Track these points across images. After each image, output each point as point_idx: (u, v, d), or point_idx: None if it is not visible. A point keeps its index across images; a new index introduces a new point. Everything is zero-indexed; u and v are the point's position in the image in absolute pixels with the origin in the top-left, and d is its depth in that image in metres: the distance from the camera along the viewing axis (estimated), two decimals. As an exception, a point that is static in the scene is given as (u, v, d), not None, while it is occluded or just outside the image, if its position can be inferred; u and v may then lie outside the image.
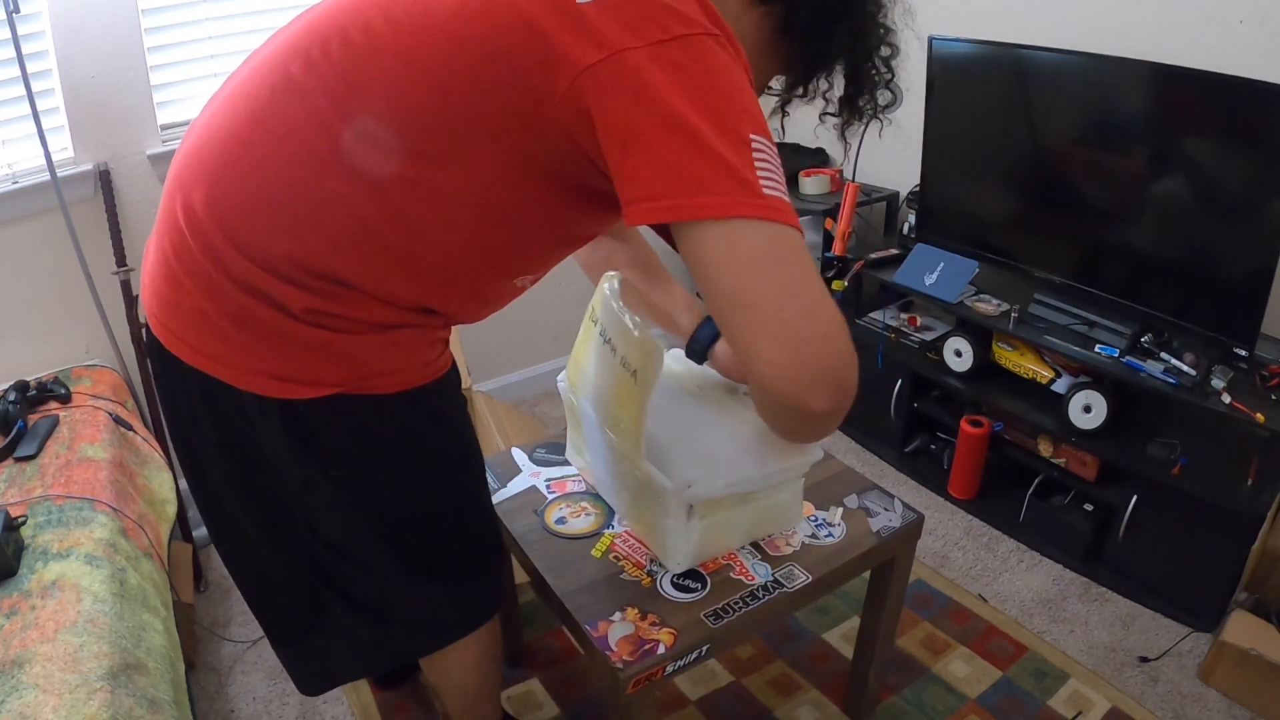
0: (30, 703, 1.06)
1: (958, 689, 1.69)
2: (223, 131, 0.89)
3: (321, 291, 0.88)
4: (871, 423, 2.50)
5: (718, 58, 0.78)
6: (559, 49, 0.77)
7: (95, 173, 1.89)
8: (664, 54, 0.76)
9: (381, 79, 0.82)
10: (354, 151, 0.83)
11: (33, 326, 1.94)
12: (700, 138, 0.74)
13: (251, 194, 0.86)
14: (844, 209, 2.32)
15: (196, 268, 0.89)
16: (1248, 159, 1.66)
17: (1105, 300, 1.95)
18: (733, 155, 0.75)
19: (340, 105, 0.83)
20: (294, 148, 0.85)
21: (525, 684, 1.72)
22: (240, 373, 0.92)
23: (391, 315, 0.92)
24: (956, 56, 2.10)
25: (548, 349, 2.80)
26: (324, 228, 0.86)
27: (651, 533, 1.26)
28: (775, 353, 0.74)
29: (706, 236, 0.75)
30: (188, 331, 0.92)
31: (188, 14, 1.94)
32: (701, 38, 0.78)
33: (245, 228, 0.87)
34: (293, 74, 0.86)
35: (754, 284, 0.75)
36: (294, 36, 0.89)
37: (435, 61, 0.81)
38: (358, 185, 0.84)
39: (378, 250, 0.87)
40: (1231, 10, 1.77)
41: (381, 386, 0.95)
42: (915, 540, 1.41)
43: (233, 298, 0.88)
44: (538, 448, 1.55)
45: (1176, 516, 1.83)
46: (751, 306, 0.75)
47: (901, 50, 0.98)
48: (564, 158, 0.83)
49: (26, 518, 1.40)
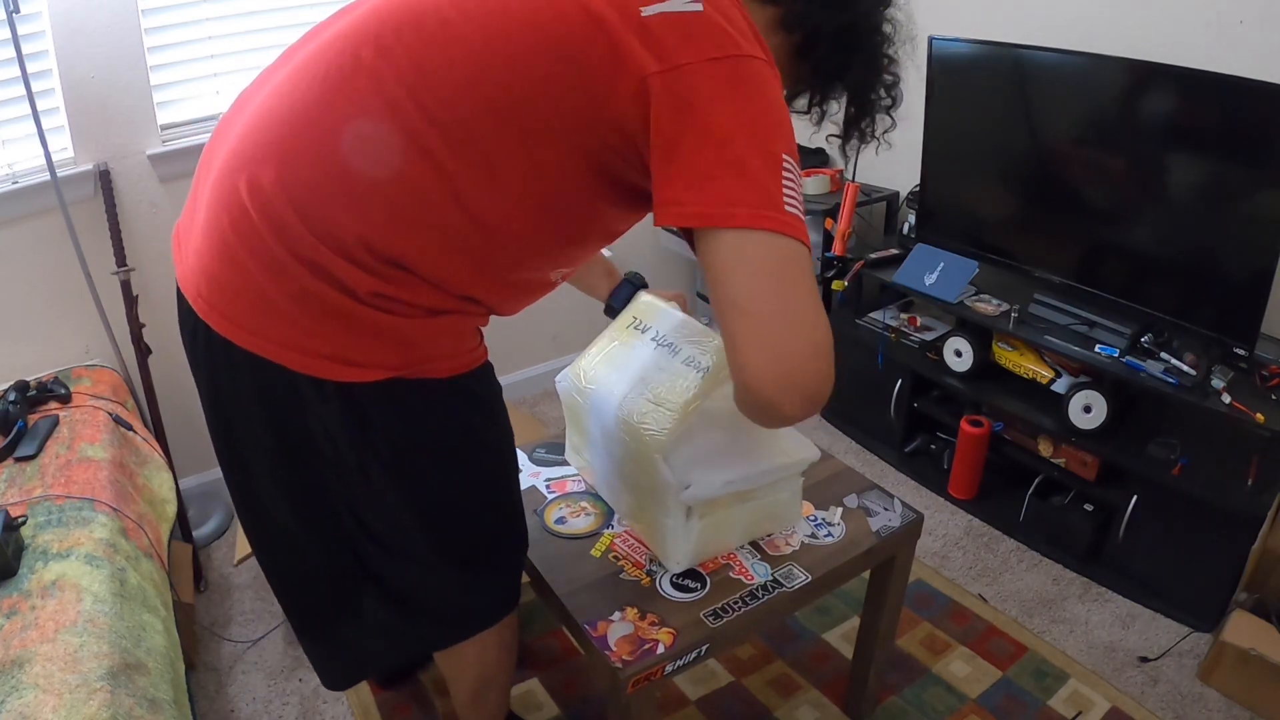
0: (30, 703, 1.06)
1: (958, 689, 1.69)
2: (289, 112, 0.90)
3: (384, 274, 0.89)
4: (871, 423, 2.50)
5: (764, 80, 0.84)
6: (626, 53, 0.82)
7: (95, 173, 1.89)
8: (717, 71, 0.82)
9: (453, 68, 0.85)
10: (423, 137, 0.85)
11: (33, 326, 1.94)
12: (737, 154, 0.80)
13: (324, 174, 0.87)
14: (844, 209, 2.32)
15: (261, 246, 0.89)
16: (1248, 159, 1.66)
17: (1105, 300, 1.95)
18: (764, 172, 0.80)
19: (412, 92, 0.85)
20: (366, 130, 0.86)
21: (525, 684, 1.72)
22: (300, 354, 0.92)
23: (442, 300, 0.94)
24: (956, 56, 2.10)
25: (548, 349, 2.80)
26: (393, 210, 0.87)
27: (651, 532, 1.26)
28: (758, 359, 0.79)
29: (724, 242, 0.80)
30: (244, 314, 0.92)
31: (188, 14, 1.95)
32: (752, 60, 0.84)
33: (318, 206, 0.87)
34: (363, 58, 0.87)
35: (753, 292, 0.80)
36: (361, 21, 0.90)
37: (506, 55, 0.84)
38: (426, 170, 0.86)
39: (440, 234, 0.89)
40: (1231, 10, 1.77)
41: (434, 371, 0.97)
42: (915, 540, 1.41)
43: (297, 277, 0.88)
44: (537, 447, 1.55)
45: (1176, 516, 1.83)
46: (746, 312, 0.80)
47: (902, 80, 1.05)
48: (616, 155, 0.88)
49: (26, 518, 1.40)
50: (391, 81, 0.86)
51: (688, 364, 1.17)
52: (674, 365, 1.18)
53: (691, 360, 1.17)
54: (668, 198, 0.83)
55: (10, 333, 1.92)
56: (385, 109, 0.86)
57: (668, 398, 1.15)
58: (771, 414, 0.82)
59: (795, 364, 0.79)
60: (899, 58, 1.03)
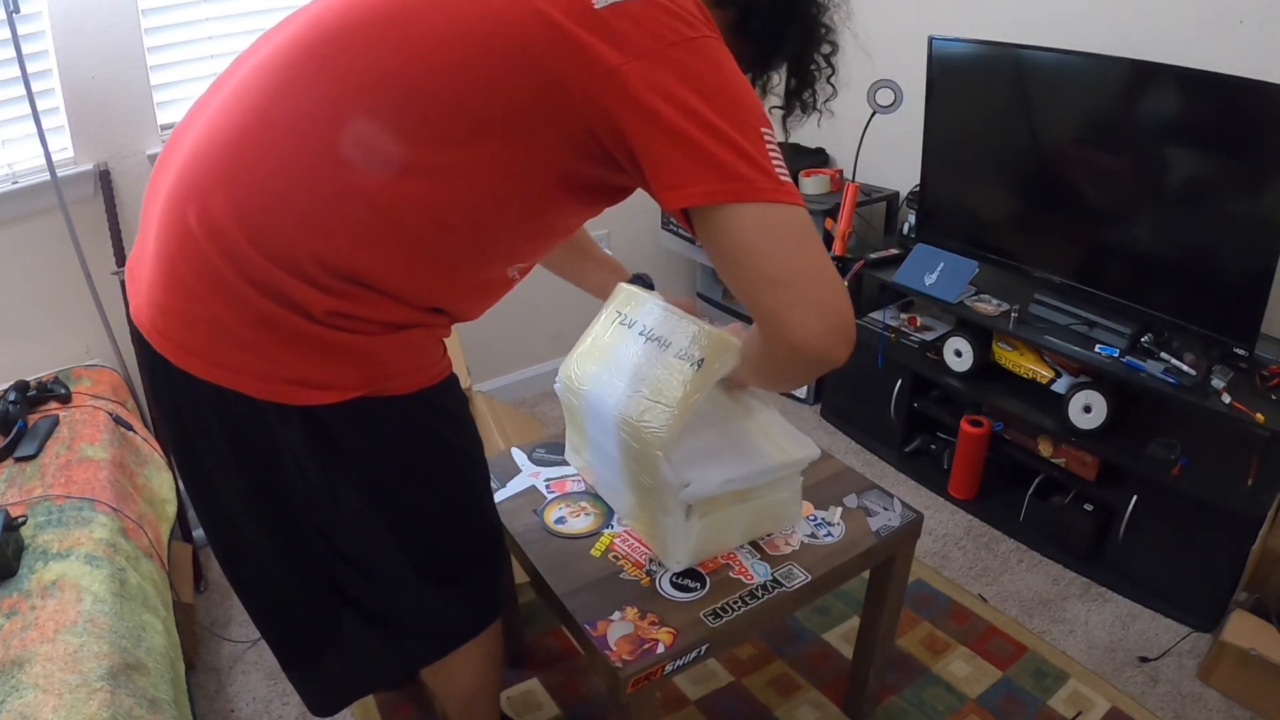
0: (30, 703, 1.06)
1: (958, 689, 1.69)
2: (232, 134, 0.88)
3: (342, 293, 0.88)
4: (871, 423, 2.50)
5: (722, 57, 0.86)
6: (581, 49, 0.81)
7: (95, 173, 1.89)
8: (677, 56, 0.82)
9: (403, 75, 0.84)
10: (374, 145, 0.84)
11: (33, 326, 1.94)
12: (720, 131, 0.81)
13: (274, 194, 0.86)
14: (844, 209, 2.32)
15: (214, 275, 0.87)
16: (1248, 159, 1.66)
17: (1105, 300, 1.95)
18: (750, 146, 0.82)
19: (361, 100, 0.84)
20: (313, 144, 0.85)
21: (525, 684, 1.72)
22: (260, 381, 0.90)
23: (406, 315, 0.93)
24: (956, 56, 2.10)
25: (548, 349, 2.80)
26: (347, 223, 0.86)
27: (651, 532, 1.26)
28: (810, 321, 0.83)
29: (735, 221, 0.83)
30: (200, 344, 0.90)
31: (188, 14, 1.95)
32: (710, 40, 0.85)
33: (268, 228, 0.86)
34: (308, 71, 0.86)
35: (784, 263, 0.83)
36: (299, 35, 0.89)
37: (458, 59, 0.83)
38: (378, 178, 0.85)
39: (399, 244, 0.88)
40: (1231, 10, 1.77)
41: (398, 388, 0.96)
42: (914, 540, 1.41)
43: (253, 303, 0.87)
44: (537, 448, 1.55)
45: (1176, 516, 1.83)
46: (784, 284, 0.83)
47: (840, 48, 1.07)
48: (577, 150, 0.88)
49: (26, 518, 1.40)
50: (338, 92, 0.85)
51: (679, 357, 1.17)
52: (666, 359, 1.18)
53: (683, 353, 1.17)
54: (665, 183, 0.84)
55: (10, 333, 1.92)
56: (333, 122, 0.84)
57: (665, 394, 1.15)
58: (827, 364, 0.87)
59: (841, 317, 0.84)
60: (835, 25, 1.04)
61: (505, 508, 1.38)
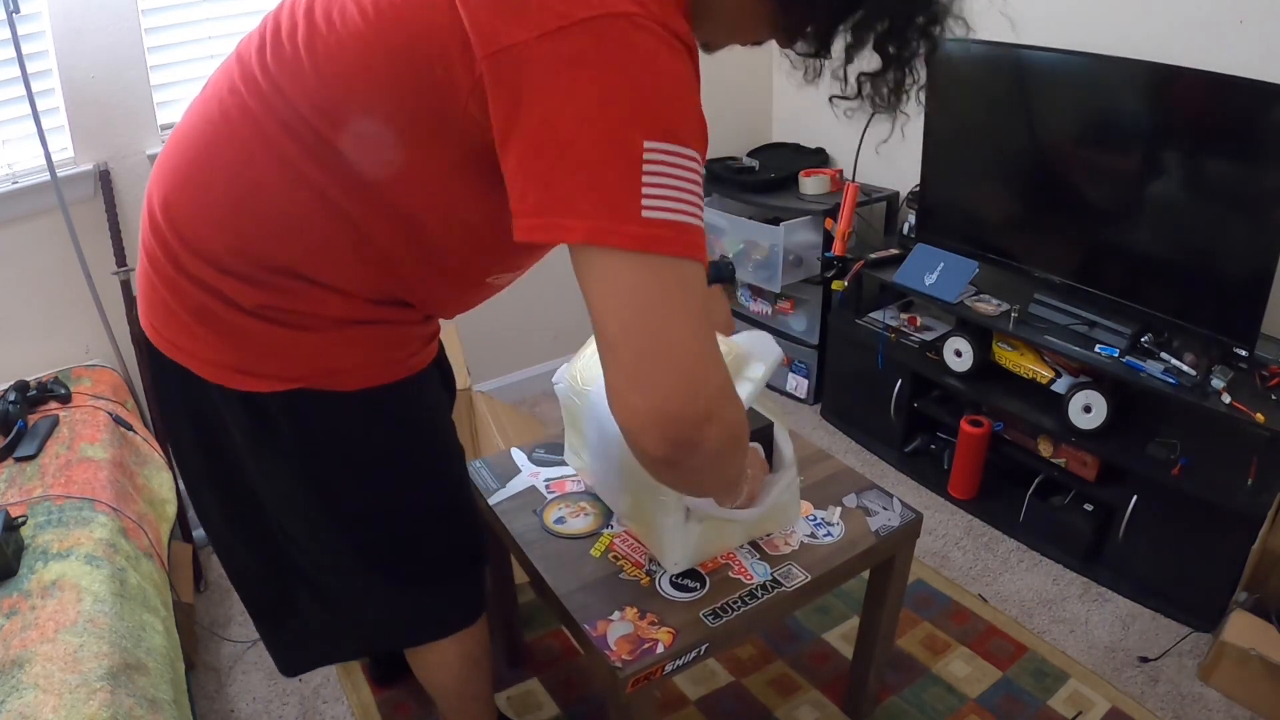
0: (30, 703, 1.06)
1: (958, 689, 1.69)
2: (181, 135, 0.93)
3: (273, 286, 0.88)
4: (871, 423, 2.50)
5: (626, 42, 0.67)
6: (458, 44, 0.72)
7: (95, 173, 1.89)
8: (557, 46, 0.66)
9: (304, 80, 0.82)
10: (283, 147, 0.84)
11: (33, 326, 1.94)
12: (574, 149, 0.66)
13: (193, 191, 0.90)
14: (844, 209, 2.32)
15: (161, 266, 0.93)
16: (1248, 159, 1.66)
17: (1105, 300, 1.95)
18: (611, 170, 0.66)
19: (267, 104, 0.84)
20: (233, 146, 0.87)
21: (525, 684, 1.72)
22: (205, 365, 0.94)
23: (353, 309, 0.91)
24: (956, 56, 2.10)
25: (548, 349, 2.80)
26: (258, 219, 0.87)
27: (650, 532, 1.26)
28: (630, 395, 0.71)
29: (579, 262, 0.70)
30: (163, 326, 0.96)
31: (188, 14, 1.95)
32: (611, 19, 0.66)
33: (191, 225, 0.90)
34: (234, 76, 0.88)
35: (617, 326, 0.70)
36: (247, 38, 0.92)
37: (355, 65, 0.79)
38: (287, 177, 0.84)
39: (318, 239, 0.87)
40: (1231, 10, 1.77)
41: (342, 384, 0.95)
42: (914, 540, 1.41)
43: (191, 294, 0.91)
44: (537, 448, 1.55)
45: (1176, 516, 1.83)
46: (611, 346, 0.71)
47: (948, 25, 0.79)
48: (487, 152, 0.76)
49: (26, 518, 1.40)
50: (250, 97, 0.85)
51: None
52: None
53: None
54: (513, 208, 0.72)
55: (10, 333, 1.92)
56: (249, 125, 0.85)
57: None
58: (641, 452, 0.73)
59: (671, 403, 0.69)
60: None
61: (505, 508, 1.39)
